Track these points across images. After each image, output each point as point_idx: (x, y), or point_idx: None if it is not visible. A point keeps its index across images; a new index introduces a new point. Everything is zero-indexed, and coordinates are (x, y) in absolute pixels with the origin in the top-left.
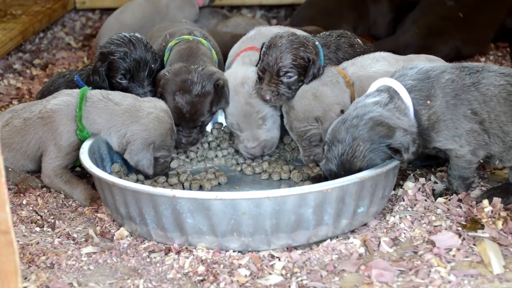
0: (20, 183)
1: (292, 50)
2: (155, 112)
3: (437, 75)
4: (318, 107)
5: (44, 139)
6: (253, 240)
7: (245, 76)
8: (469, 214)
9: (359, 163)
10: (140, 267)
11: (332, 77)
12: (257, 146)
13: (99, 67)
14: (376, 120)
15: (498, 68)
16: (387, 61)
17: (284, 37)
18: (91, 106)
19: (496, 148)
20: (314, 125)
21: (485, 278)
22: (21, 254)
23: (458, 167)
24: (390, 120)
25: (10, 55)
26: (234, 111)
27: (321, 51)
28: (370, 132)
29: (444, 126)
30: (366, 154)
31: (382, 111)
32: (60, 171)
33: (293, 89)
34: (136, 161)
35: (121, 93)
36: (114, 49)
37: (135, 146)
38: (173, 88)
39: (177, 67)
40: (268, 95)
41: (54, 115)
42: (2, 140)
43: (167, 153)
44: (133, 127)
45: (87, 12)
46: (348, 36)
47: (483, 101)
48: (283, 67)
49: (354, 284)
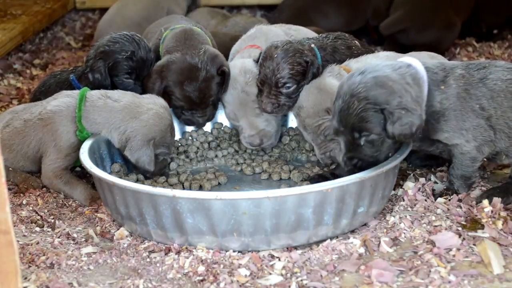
0: (21, 183)
1: (288, 60)
2: (155, 108)
3: (451, 67)
4: (326, 98)
5: (44, 141)
6: (253, 240)
7: (244, 65)
8: (469, 214)
9: (352, 119)
10: (140, 267)
11: (333, 72)
12: (256, 134)
13: (100, 65)
14: (378, 80)
15: (505, 63)
16: (390, 59)
17: (279, 47)
18: (91, 106)
19: (503, 144)
20: (326, 117)
21: (485, 278)
22: (21, 254)
23: (461, 166)
24: (395, 84)
25: (10, 55)
26: (231, 99)
27: (317, 54)
28: (368, 92)
29: (454, 115)
30: (359, 112)
31: (391, 72)
32: (59, 173)
33: (293, 97)
34: (136, 158)
35: (120, 91)
36: (119, 48)
37: (135, 142)
38: (180, 78)
39: (178, 56)
40: (269, 107)
41: (54, 116)
42: (3, 141)
43: (167, 150)
44: (133, 123)
45: (87, 12)
46: (345, 38)
47: (491, 97)
48: (281, 79)
49: (354, 284)
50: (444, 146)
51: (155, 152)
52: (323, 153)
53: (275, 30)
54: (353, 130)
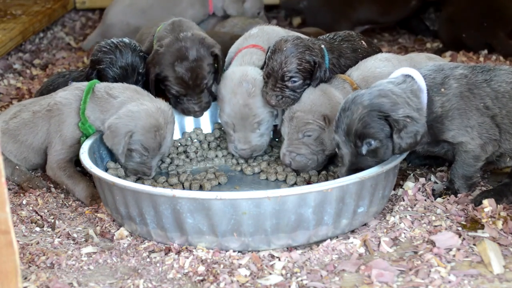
0: (25, 182)
1: (297, 55)
2: (148, 106)
3: (450, 68)
4: (327, 104)
5: (51, 131)
6: (253, 240)
7: (243, 75)
8: (469, 214)
9: (355, 125)
10: (140, 267)
11: (339, 84)
12: (248, 149)
13: (90, 74)
14: (383, 92)
15: (508, 67)
16: (390, 62)
17: (289, 41)
18: (93, 99)
19: (507, 145)
20: (319, 122)
21: (485, 278)
22: (21, 254)
23: (464, 164)
24: (399, 98)
25: (10, 55)
26: (231, 113)
27: (326, 55)
28: (373, 100)
29: (458, 114)
30: (363, 117)
31: (394, 87)
32: (64, 165)
33: (298, 92)
34: (111, 144)
35: (124, 86)
36: (101, 57)
37: (113, 127)
38: (170, 60)
39: (167, 40)
40: (273, 100)
41: (62, 108)
42: (9, 131)
43: (145, 154)
44: (120, 111)
45: (87, 12)
46: (352, 39)
47: (495, 97)
48: (288, 72)
49: (354, 284)
50: (449, 145)
51: (130, 147)
52: (290, 151)
53: (278, 30)
54: (356, 137)
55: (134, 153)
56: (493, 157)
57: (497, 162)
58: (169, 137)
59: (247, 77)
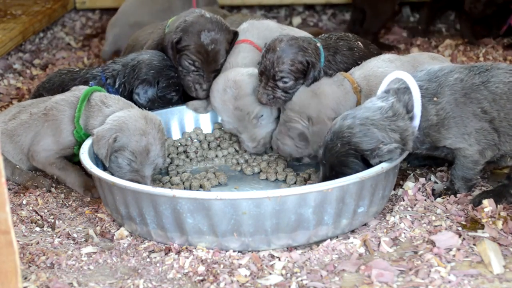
0: (29, 181)
1: (290, 55)
2: (135, 112)
3: (445, 74)
4: (313, 107)
5: (41, 133)
6: (253, 240)
7: (224, 82)
8: (469, 214)
9: (333, 160)
10: (140, 267)
11: (338, 81)
12: (257, 145)
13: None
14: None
15: (507, 65)
16: (393, 63)
17: (284, 41)
18: (88, 109)
19: (508, 147)
20: (304, 122)
21: (485, 278)
22: (21, 254)
23: (463, 168)
24: (379, 132)
25: (10, 55)
26: (229, 119)
27: (322, 53)
28: (351, 138)
29: (454, 122)
30: (340, 156)
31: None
32: (53, 160)
33: (290, 93)
34: (96, 149)
35: (120, 98)
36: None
37: (100, 132)
38: (198, 28)
39: (194, 15)
40: (264, 98)
41: (57, 114)
42: (7, 132)
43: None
44: (108, 118)
45: (87, 12)
46: (348, 39)
47: (493, 100)
48: (279, 72)
49: (354, 284)
50: (448, 149)
51: (116, 152)
52: (277, 138)
53: (268, 23)
54: (332, 169)
55: (120, 159)
56: (494, 158)
57: (498, 161)
58: (158, 145)
59: (228, 83)
